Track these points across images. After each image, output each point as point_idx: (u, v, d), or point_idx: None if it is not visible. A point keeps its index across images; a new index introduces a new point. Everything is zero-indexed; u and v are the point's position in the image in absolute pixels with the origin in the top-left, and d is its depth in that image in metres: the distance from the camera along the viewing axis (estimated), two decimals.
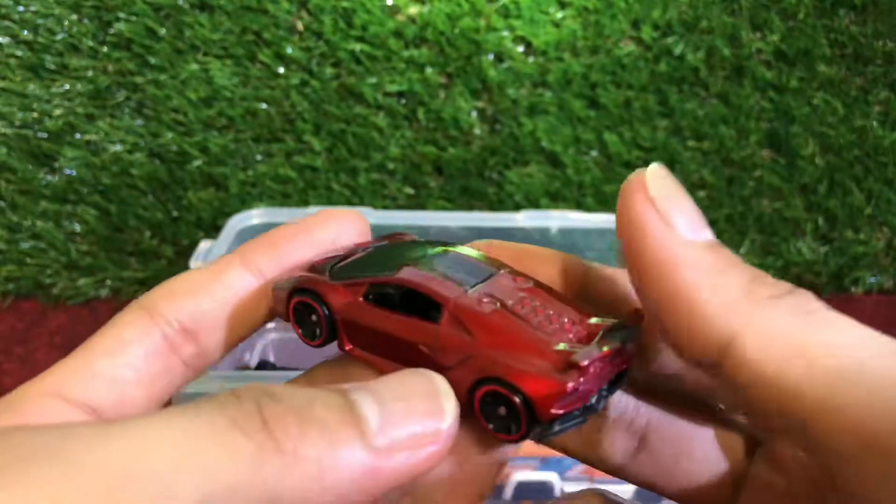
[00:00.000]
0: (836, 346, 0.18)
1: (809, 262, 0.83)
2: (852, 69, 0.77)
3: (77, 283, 0.80)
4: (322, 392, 0.18)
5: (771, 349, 0.18)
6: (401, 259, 0.24)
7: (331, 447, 0.17)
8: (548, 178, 0.79)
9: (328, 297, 0.23)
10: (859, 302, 0.84)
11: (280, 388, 0.18)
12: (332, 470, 0.17)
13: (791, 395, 0.17)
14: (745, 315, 0.18)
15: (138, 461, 0.14)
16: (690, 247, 0.20)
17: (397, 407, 0.18)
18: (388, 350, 0.23)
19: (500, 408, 0.20)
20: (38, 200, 0.77)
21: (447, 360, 0.21)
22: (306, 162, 0.78)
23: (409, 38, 0.74)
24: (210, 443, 0.16)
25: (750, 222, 0.82)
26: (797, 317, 0.18)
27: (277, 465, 0.16)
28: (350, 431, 0.17)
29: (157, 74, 0.74)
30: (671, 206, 0.20)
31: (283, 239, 0.25)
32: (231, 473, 0.15)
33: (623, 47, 0.75)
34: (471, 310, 0.21)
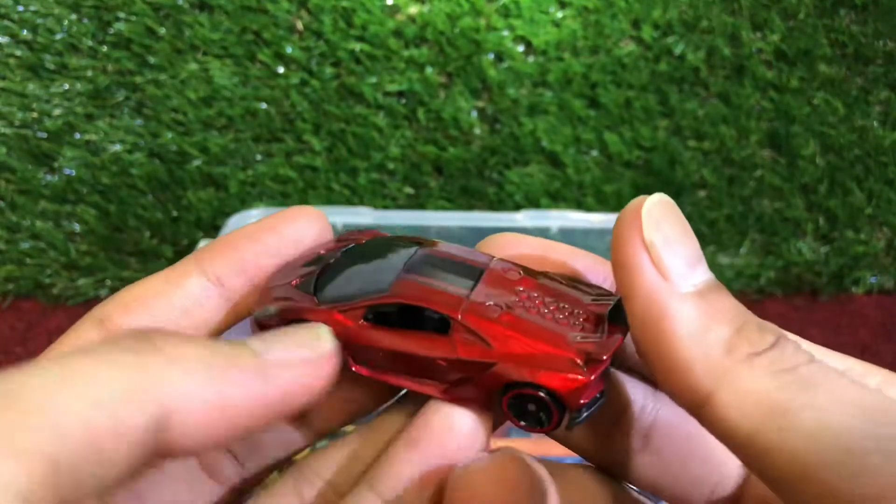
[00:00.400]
0: (809, 408, 0.18)
1: (810, 262, 0.83)
2: (853, 69, 0.77)
3: (77, 283, 0.80)
4: None
5: (745, 410, 0.18)
6: (387, 268, 0.23)
7: (216, 354, 0.19)
8: (548, 177, 0.79)
9: (336, 330, 0.22)
10: (860, 302, 0.84)
11: None
12: (221, 375, 0.19)
13: (763, 456, 0.18)
14: (723, 374, 0.19)
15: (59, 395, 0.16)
16: (681, 299, 0.20)
17: (281, 339, 0.21)
18: (402, 366, 0.22)
19: (529, 405, 0.21)
20: (37, 200, 0.77)
21: (469, 371, 0.21)
22: (306, 162, 0.78)
23: (409, 37, 0.74)
24: (101, 359, 0.17)
25: (750, 222, 0.82)
26: (774, 377, 0.19)
27: (160, 363, 0.18)
28: (238, 347, 0.20)
29: (157, 74, 0.74)
30: (666, 253, 0.20)
31: (242, 242, 0.25)
32: (119, 380, 0.17)
33: (623, 47, 0.75)
34: (481, 318, 0.21)
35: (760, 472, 0.18)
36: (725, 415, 0.18)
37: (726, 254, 0.83)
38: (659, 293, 0.20)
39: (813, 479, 0.17)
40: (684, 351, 0.19)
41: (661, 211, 0.21)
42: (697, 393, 0.19)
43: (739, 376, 0.19)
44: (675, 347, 0.19)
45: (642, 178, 0.79)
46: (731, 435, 0.19)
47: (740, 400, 0.18)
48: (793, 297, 0.84)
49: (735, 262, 0.83)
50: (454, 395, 0.22)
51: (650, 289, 0.20)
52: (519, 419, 0.22)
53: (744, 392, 0.18)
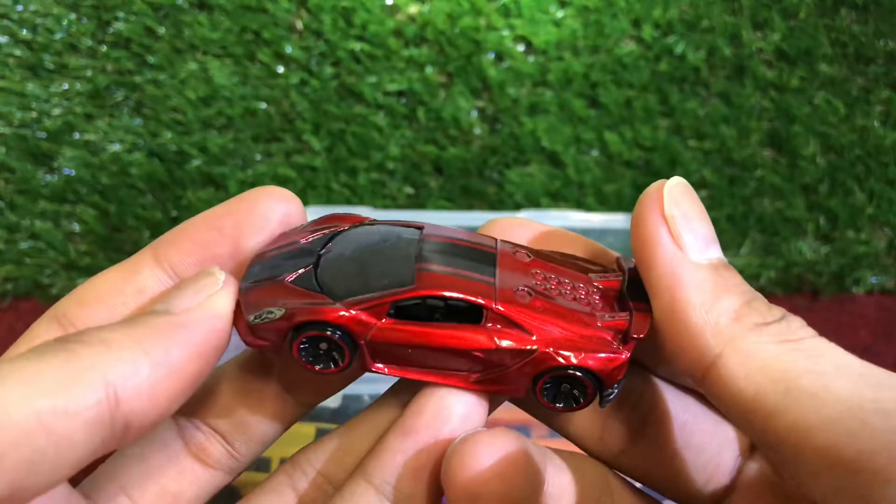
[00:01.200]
0: (812, 373, 0.18)
1: (810, 262, 0.83)
2: (854, 69, 0.77)
3: (76, 282, 0.80)
4: None
5: (750, 373, 0.19)
6: (398, 258, 0.23)
7: (136, 327, 0.21)
8: (548, 177, 0.79)
9: (348, 325, 0.21)
10: (860, 302, 0.83)
11: None
12: (149, 342, 0.20)
13: (766, 419, 0.18)
14: (731, 338, 0.20)
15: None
16: (695, 268, 0.21)
17: (179, 291, 0.22)
18: (429, 360, 0.22)
19: (563, 385, 0.22)
20: (36, 200, 0.77)
21: (505, 360, 0.21)
22: (306, 161, 0.78)
23: (409, 37, 0.73)
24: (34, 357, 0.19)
25: (751, 222, 0.82)
26: (780, 343, 0.19)
27: (94, 350, 0.19)
28: (148, 315, 0.21)
29: (156, 74, 0.73)
30: (683, 227, 0.22)
31: (198, 229, 0.24)
32: (59, 368, 0.18)
33: (624, 47, 0.75)
34: (515, 305, 0.22)
35: (762, 437, 0.19)
36: (731, 377, 0.19)
37: (727, 254, 0.83)
38: (675, 263, 0.21)
39: (814, 439, 0.17)
40: (696, 316, 0.20)
41: (681, 191, 0.22)
42: (706, 355, 0.20)
43: (747, 341, 0.20)
44: (688, 313, 0.20)
45: (643, 177, 0.79)
46: (735, 398, 0.19)
47: (746, 363, 0.19)
48: (793, 297, 0.84)
49: (736, 262, 0.83)
50: (487, 385, 0.22)
51: (667, 259, 0.21)
52: (553, 401, 0.22)
53: (750, 356, 0.19)
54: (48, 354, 0.19)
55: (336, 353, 0.22)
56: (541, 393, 0.22)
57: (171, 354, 0.20)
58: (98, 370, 0.19)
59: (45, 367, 0.18)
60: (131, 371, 0.19)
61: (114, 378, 0.19)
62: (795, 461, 0.18)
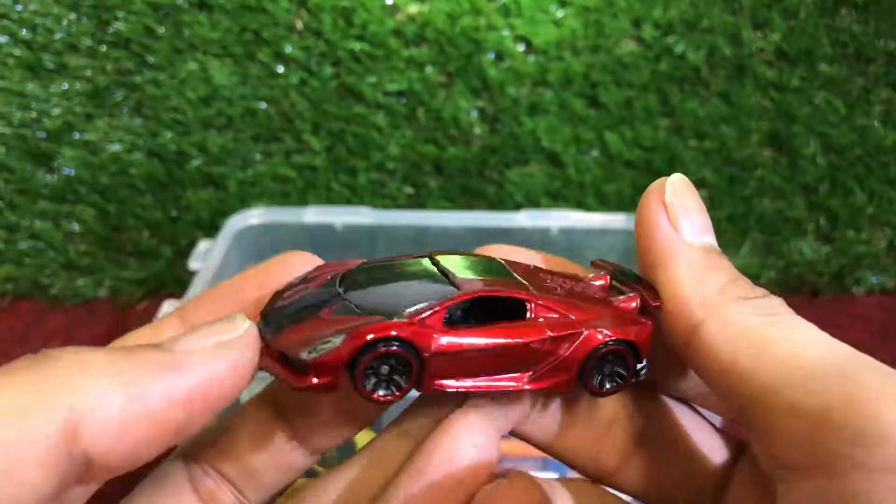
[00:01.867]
0: (786, 341, 0.20)
1: (811, 262, 0.83)
2: (854, 68, 0.77)
3: (76, 283, 0.80)
4: None
5: (729, 338, 0.21)
6: (427, 276, 0.23)
7: (123, 357, 0.19)
8: (548, 177, 0.79)
9: (413, 338, 0.20)
10: (861, 302, 0.83)
11: None
12: (131, 374, 0.18)
13: (741, 379, 0.20)
14: (714, 307, 0.22)
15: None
16: (688, 248, 0.23)
17: (193, 331, 0.20)
18: (487, 365, 0.22)
19: (606, 366, 0.23)
20: (36, 200, 0.77)
21: (557, 348, 0.23)
22: (306, 161, 0.78)
23: (409, 37, 0.73)
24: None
25: (751, 222, 0.82)
26: (759, 316, 0.21)
27: (62, 372, 0.17)
28: (148, 347, 0.19)
29: (156, 74, 0.73)
30: (680, 214, 0.24)
31: (227, 291, 0.24)
32: (17, 390, 0.17)
33: (624, 46, 0.75)
34: (551, 297, 0.23)
35: (738, 400, 0.20)
36: (712, 342, 0.21)
37: (727, 253, 0.82)
38: (670, 241, 0.23)
39: (781, 397, 0.19)
40: (684, 288, 0.22)
41: (682, 184, 0.24)
42: (690, 322, 0.22)
43: (728, 310, 0.21)
44: (677, 284, 0.22)
45: (643, 177, 0.79)
46: (714, 362, 0.21)
47: (726, 330, 0.21)
48: (793, 297, 0.84)
49: (736, 262, 0.82)
50: (540, 381, 0.23)
51: (663, 238, 0.23)
52: (601, 386, 0.23)
53: (730, 324, 0.21)
54: (15, 373, 0.17)
55: (399, 375, 0.21)
56: (590, 376, 0.23)
57: (152, 394, 0.18)
58: (64, 392, 0.17)
59: (5, 389, 0.17)
60: (100, 400, 0.17)
61: (79, 405, 0.17)
62: (767, 423, 0.19)
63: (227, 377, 0.20)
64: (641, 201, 0.24)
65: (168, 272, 0.80)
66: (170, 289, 0.80)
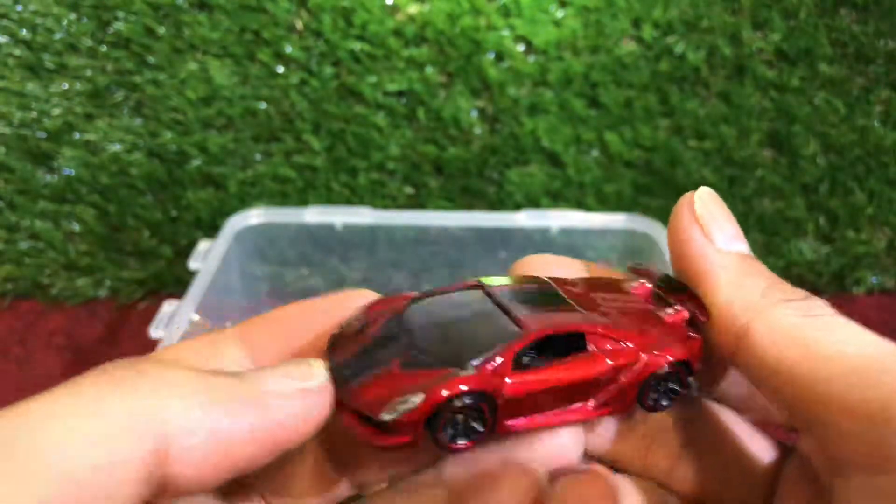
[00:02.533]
0: (831, 340, 0.21)
1: (811, 262, 0.83)
2: (854, 68, 0.77)
3: (76, 283, 0.80)
4: None
5: (775, 339, 0.21)
6: (484, 313, 0.23)
7: (213, 384, 0.19)
8: (548, 177, 0.79)
9: (487, 388, 0.21)
10: (861, 302, 0.83)
11: None
12: (220, 405, 0.18)
13: (788, 380, 0.21)
14: (758, 310, 0.22)
15: None
16: (723, 255, 0.24)
17: (277, 371, 0.21)
18: (552, 401, 0.23)
19: (662, 383, 0.24)
20: (36, 200, 0.77)
21: (618, 375, 0.23)
22: (306, 161, 0.78)
23: (409, 37, 0.73)
24: (91, 393, 0.17)
25: (751, 222, 0.82)
26: (803, 317, 0.22)
27: (155, 392, 0.18)
28: (235, 377, 0.20)
29: (156, 74, 0.73)
30: (712, 223, 0.25)
31: (291, 319, 0.24)
32: (112, 413, 0.17)
33: (624, 46, 0.75)
34: (608, 326, 0.24)
35: (790, 401, 0.21)
36: (759, 345, 0.21)
37: None
38: (706, 252, 0.24)
39: (827, 393, 0.19)
40: (725, 294, 0.23)
41: (710, 196, 0.25)
42: (735, 329, 0.22)
43: (773, 313, 0.22)
44: (718, 291, 0.23)
45: (643, 177, 0.79)
46: (763, 364, 0.21)
47: (772, 332, 0.21)
48: None
49: None
50: (602, 408, 0.24)
51: (699, 250, 0.24)
52: (656, 403, 0.24)
53: (775, 325, 0.22)
54: (111, 386, 0.17)
55: (475, 421, 0.21)
56: (647, 397, 0.24)
57: (235, 429, 0.18)
58: (155, 424, 0.17)
59: (101, 404, 0.17)
60: (191, 429, 0.17)
61: (169, 431, 0.17)
62: (822, 423, 0.20)
63: (303, 425, 0.20)
64: (673, 216, 0.25)
65: (168, 272, 0.80)
66: (170, 289, 0.80)
